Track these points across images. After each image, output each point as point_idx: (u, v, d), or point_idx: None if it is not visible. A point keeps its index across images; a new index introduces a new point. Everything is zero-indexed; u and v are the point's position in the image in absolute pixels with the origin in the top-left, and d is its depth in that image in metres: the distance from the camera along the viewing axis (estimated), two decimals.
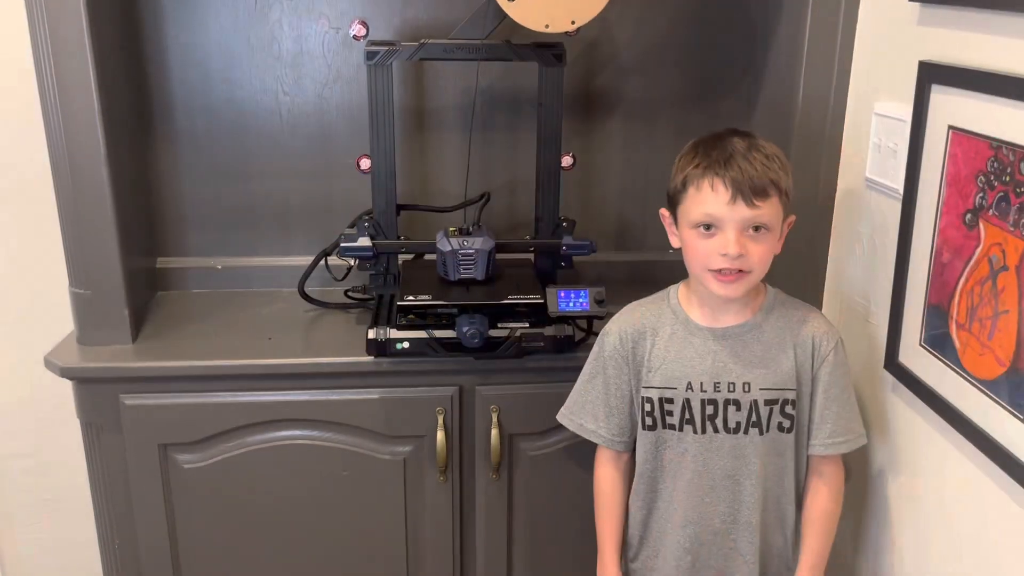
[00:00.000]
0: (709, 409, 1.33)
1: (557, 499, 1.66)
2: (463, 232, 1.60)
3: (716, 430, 1.33)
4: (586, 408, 1.42)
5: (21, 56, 1.51)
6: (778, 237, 1.29)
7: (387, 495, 1.61)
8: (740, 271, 1.25)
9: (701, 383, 1.33)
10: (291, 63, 1.75)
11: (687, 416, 1.33)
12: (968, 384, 1.19)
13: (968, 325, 1.19)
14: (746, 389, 1.31)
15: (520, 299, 1.53)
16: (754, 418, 1.32)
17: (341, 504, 1.61)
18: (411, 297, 1.49)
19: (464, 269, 1.59)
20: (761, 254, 1.25)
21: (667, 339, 1.35)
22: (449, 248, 1.58)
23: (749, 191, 1.22)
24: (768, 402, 1.31)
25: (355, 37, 1.62)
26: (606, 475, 1.45)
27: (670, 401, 1.34)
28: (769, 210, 1.24)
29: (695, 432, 1.34)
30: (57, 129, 1.46)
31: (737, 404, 1.32)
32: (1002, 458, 1.12)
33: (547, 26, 1.45)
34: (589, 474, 1.62)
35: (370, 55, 1.55)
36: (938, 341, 1.25)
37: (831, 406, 1.33)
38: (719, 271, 1.25)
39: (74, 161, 1.48)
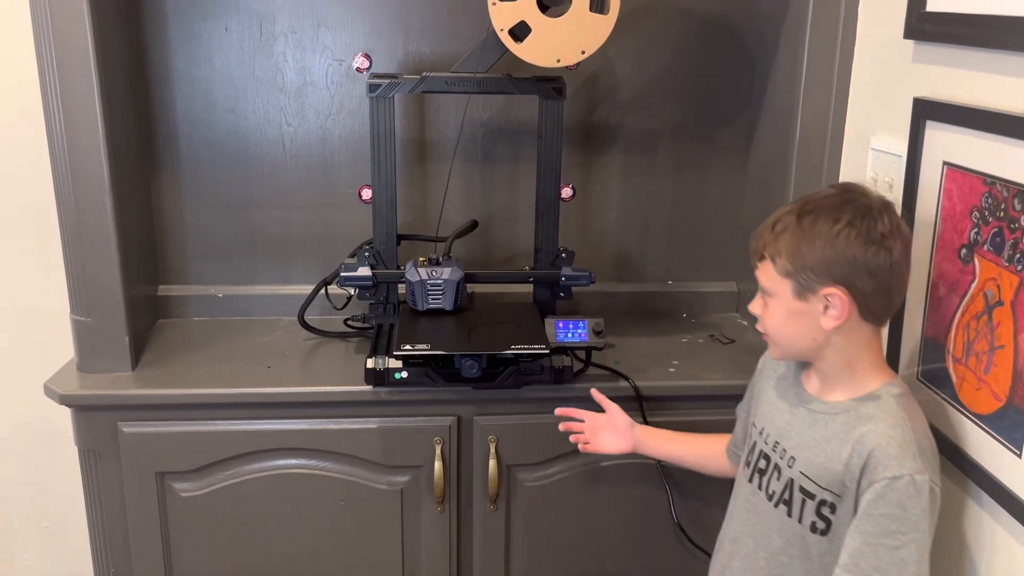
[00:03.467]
0: (761, 463, 1.27)
1: (555, 531, 1.65)
2: (432, 262, 1.61)
3: (760, 487, 1.26)
4: (743, 403, 1.42)
5: (28, 85, 1.53)
6: (785, 306, 1.17)
7: (384, 525, 1.61)
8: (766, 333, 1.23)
9: (769, 435, 1.27)
10: (295, 94, 1.77)
11: (749, 458, 1.30)
12: (965, 419, 1.19)
13: (964, 359, 1.19)
14: (790, 464, 1.21)
15: (523, 349, 1.50)
16: (786, 495, 1.21)
17: (338, 534, 1.61)
18: (408, 346, 1.48)
19: (432, 299, 1.59)
20: (767, 319, 1.21)
21: (777, 380, 1.31)
22: (417, 278, 1.59)
23: (752, 252, 1.21)
24: (803, 490, 1.19)
25: (358, 69, 1.64)
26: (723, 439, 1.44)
27: (749, 435, 1.32)
28: (763, 274, 1.19)
29: (747, 479, 1.30)
30: (62, 157, 1.48)
31: (779, 472, 1.23)
32: (999, 494, 1.12)
33: (558, 60, 1.47)
34: (588, 504, 1.61)
35: (372, 87, 1.57)
36: (935, 375, 1.26)
37: (857, 537, 1.11)
38: None
39: (78, 189, 1.49)
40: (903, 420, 1.12)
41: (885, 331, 1.37)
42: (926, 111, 1.27)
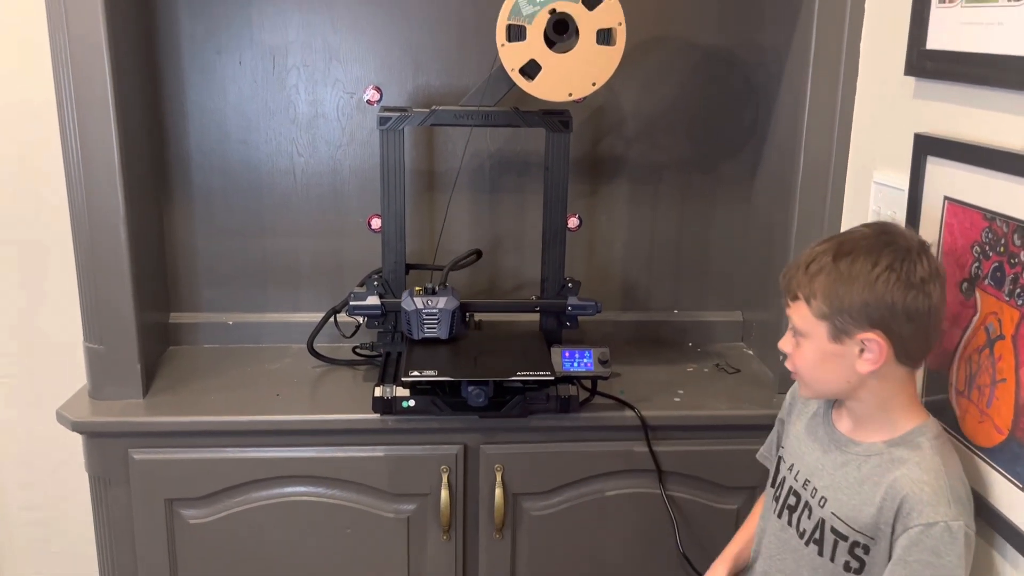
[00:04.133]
0: (791, 499, 1.25)
1: (561, 560, 1.65)
2: (428, 291, 1.63)
3: (789, 523, 1.25)
4: (768, 444, 1.43)
5: (47, 116, 1.57)
6: (819, 348, 1.14)
7: (390, 553, 1.62)
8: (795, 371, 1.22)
9: (799, 472, 1.25)
10: (306, 126, 1.80)
11: (778, 493, 1.29)
12: (968, 451, 1.20)
13: (967, 392, 1.20)
14: (821, 504, 1.19)
15: (528, 375, 1.51)
16: (817, 535, 1.19)
17: (344, 562, 1.61)
18: (416, 372, 1.50)
19: (428, 328, 1.61)
20: (798, 359, 1.18)
21: (809, 417, 1.29)
22: (413, 307, 1.61)
23: (784, 290, 1.20)
24: (835, 531, 1.17)
25: (369, 102, 1.67)
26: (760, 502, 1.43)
27: (779, 471, 1.31)
28: (796, 315, 1.16)
29: (775, 512, 1.28)
30: (79, 187, 1.51)
31: (810, 511, 1.21)
32: (1003, 527, 1.12)
33: (570, 94, 1.51)
34: (593, 534, 1.62)
35: (382, 120, 1.60)
36: (938, 407, 1.26)
37: None
38: None
39: (94, 219, 1.52)
40: (937, 465, 1.11)
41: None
42: (927, 147, 1.29)
